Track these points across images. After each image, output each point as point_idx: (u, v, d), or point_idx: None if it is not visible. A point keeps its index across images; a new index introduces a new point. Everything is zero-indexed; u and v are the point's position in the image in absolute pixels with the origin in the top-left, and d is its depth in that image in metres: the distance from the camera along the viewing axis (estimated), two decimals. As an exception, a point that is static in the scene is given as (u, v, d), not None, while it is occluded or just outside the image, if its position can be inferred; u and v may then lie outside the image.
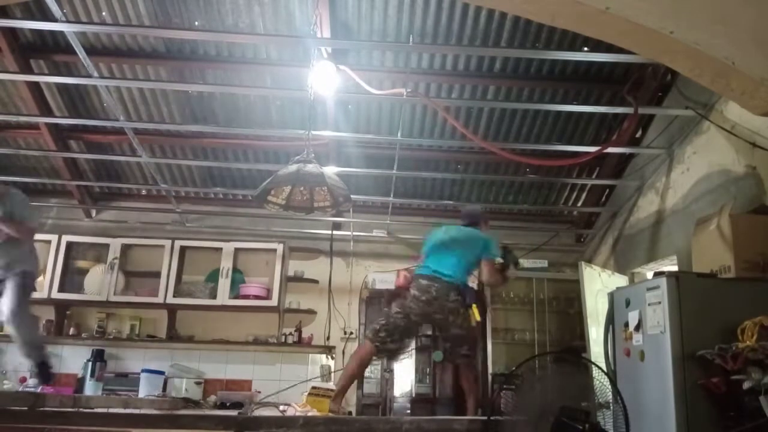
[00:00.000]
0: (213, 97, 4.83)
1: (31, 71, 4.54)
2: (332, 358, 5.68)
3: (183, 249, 5.62)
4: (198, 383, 5.37)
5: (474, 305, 3.88)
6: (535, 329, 5.27)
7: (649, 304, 3.03)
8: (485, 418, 3.40)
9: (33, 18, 4.11)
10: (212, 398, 5.33)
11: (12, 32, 4.29)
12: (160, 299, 5.39)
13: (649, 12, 2.50)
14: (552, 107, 4.64)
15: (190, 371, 5.44)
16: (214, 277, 5.56)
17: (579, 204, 5.86)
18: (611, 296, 3.55)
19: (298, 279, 5.80)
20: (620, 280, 4.67)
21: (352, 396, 5.57)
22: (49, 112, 4.90)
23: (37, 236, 5.53)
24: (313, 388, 5.34)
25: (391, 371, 5.52)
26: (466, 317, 3.82)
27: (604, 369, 3.26)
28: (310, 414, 3.34)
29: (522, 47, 4.26)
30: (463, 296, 3.82)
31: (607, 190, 5.59)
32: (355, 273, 5.95)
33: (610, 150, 4.75)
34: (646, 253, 4.72)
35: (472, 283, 4.16)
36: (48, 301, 5.40)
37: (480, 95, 4.73)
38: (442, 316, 3.76)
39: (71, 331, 5.50)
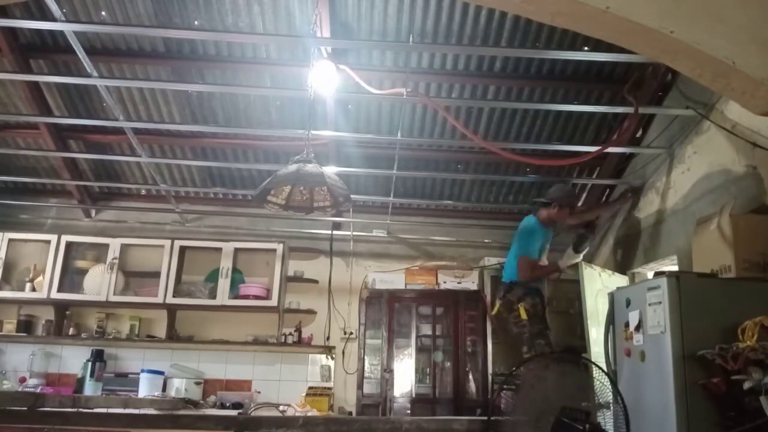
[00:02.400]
0: (213, 97, 4.83)
1: (30, 71, 4.53)
2: (332, 358, 5.68)
3: (183, 249, 5.61)
4: (198, 383, 5.37)
5: (521, 304, 4.09)
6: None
7: (649, 304, 3.02)
8: (485, 418, 3.40)
9: (33, 18, 4.09)
10: (212, 398, 5.34)
11: (12, 32, 4.28)
12: (159, 299, 5.38)
13: (649, 12, 2.49)
14: (552, 107, 4.63)
15: (190, 371, 5.44)
16: (213, 277, 5.56)
17: (579, 204, 5.86)
18: (611, 296, 3.54)
19: (298, 279, 5.80)
20: (620, 280, 4.66)
21: (352, 396, 5.58)
22: (48, 112, 4.89)
23: (37, 236, 5.60)
24: (310, 387, 5.37)
25: (391, 371, 5.52)
26: (517, 314, 4.12)
27: (605, 369, 3.26)
28: (309, 414, 3.34)
29: (522, 47, 4.25)
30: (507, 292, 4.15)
31: (607, 190, 5.58)
32: (355, 273, 5.95)
33: (611, 150, 4.74)
34: (647, 253, 4.72)
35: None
36: (47, 301, 5.40)
37: (480, 95, 4.73)
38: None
39: (71, 331, 5.49)
